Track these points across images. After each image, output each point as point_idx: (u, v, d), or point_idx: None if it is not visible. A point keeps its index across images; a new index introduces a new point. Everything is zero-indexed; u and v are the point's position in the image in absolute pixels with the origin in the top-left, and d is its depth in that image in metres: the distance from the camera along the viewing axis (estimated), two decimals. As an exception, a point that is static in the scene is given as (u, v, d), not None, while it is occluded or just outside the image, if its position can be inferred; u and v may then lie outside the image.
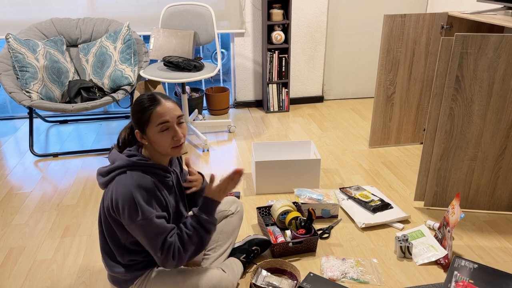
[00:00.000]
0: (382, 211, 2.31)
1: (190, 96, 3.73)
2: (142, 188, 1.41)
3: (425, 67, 2.92)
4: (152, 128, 1.45)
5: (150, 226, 1.40)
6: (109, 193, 1.44)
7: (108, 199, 1.44)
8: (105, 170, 1.48)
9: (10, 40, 2.92)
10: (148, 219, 1.39)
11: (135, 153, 1.49)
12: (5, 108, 4.18)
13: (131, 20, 3.52)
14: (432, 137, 2.24)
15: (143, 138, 1.49)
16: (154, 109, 1.45)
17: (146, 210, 1.39)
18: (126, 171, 1.44)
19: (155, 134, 1.46)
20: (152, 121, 1.44)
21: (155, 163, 1.50)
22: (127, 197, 1.39)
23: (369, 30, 3.95)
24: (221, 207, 1.87)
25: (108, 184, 1.47)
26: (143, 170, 1.46)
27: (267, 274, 1.82)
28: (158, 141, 1.46)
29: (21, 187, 2.66)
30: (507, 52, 1.98)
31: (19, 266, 1.97)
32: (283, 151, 2.78)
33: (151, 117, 1.44)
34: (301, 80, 4.00)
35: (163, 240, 1.43)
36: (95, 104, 2.90)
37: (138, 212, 1.39)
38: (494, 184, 2.27)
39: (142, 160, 1.47)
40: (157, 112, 1.44)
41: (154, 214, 1.41)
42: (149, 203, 1.41)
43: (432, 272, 1.90)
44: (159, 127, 1.45)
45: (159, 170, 1.51)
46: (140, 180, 1.42)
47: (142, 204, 1.39)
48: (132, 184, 1.40)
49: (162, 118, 1.44)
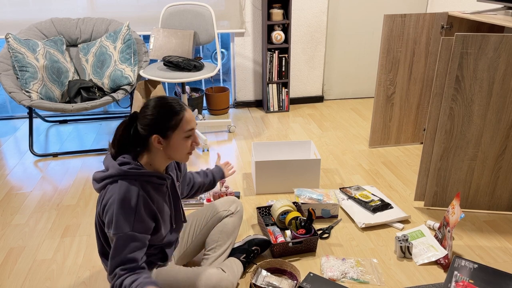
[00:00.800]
0: (382, 211, 2.31)
1: (190, 96, 3.73)
2: (125, 202, 1.38)
3: (425, 67, 2.92)
4: (179, 134, 1.43)
5: (116, 243, 1.38)
6: (100, 200, 1.44)
7: (99, 205, 1.45)
8: (99, 176, 1.46)
9: (10, 40, 2.92)
10: (118, 235, 1.37)
11: (127, 161, 1.45)
12: (5, 108, 4.18)
13: (131, 20, 3.52)
14: (432, 137, 2.24)
15: (161, 142, 1.44)
16: (184, 115, 1.43)
17: (119, 226, 1.37)
18: (117, 181, 1.42)
19: (180, 140, 1.44)
20: (181, 127, 1.43)
21: (149, 171, 1.45)
22: (110, 207, 1.39)
23: (369, 30, 3.95)
24: (221, 207, 1.87)
25: (101, 190, 1.47)
26: (135, 179, 1.42)
27: (267, 274, 1.82)
28: (180, 147, 1.45)
29: (21, 187, 2.66)
30: (507, 52, 1.98)
31: (19, 266, 1.97)
32: (283, 151, 2.78)
33: (182, 122, 1.42)
34: (301, 80, 4.00)
35: (117, 263, 1.38)
36: (95, 104, 2.90)
37: (112, 224, 1.37)
38: (494, 184, 2.27)
39: (133, 169, 1.43)
40: (187, 118, 1.43)
41: (126, 233, 1.37)
42: (127, 220, 1.38)
43: (432, 272, 1.90)
44: (187, 133, 1.44)
45: (153, 178, 1.47)
46: (126, 192, 1.39)
47: (118, 218, 1.37)
48: (117, 196, 1.38)
49: (191, 125, 1.45)
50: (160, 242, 1.56)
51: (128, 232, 1.38)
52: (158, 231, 1.51)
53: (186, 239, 1.82)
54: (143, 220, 1.42)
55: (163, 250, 1.61)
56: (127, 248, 1.38)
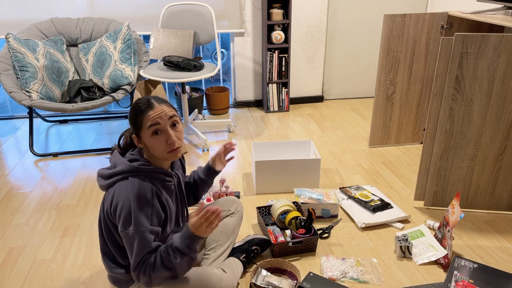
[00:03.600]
0: (382, 211, 2.31)
1: (190, 96, 3.73)
2: (141, 197, 1.40)
3: (425, 67, 2.92)
4: (144, 132, 1.44)
5: (138, 238, 1.39)
6: (110, 198, 1.44)
7: (108, 203, 1.44)
8: (106, 173, 1.47)
9: (10, 39, 2.92)
10: (139, 231, 1.38)
11: (137, 158, 1.48)
12: (5, 107, 4.18)
13: (131, 20, 3.52)
14: (432, 136, 2.24)
15: (140, 142, 1.49)
16: (146, 113, 1.43)
17: (139, 221, 1.38)
18: (127, 177, 1.43)
19: (148, 139, 1.44)
20: (144, 125, 1.43)
21: (157, 168, 1.48)
22: (125, 204, 1.39)
23: (369, 30, 3.95)
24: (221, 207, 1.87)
25: (109, 188, 1.47)
26: (145, 175, 1.45)
27: (267, 273, 1.82)
28: (153, 146, 1.45)
29: (21, 186, 2.66)
30: (507, 52, 1.98)
31: (19, 266, 1.97)
32: (283, 151, 2.78)
33: (143, 120, 1.43)
34: (301, 80, 4.00)
35: (143, 256, 1.41)
36: (95, 104, 2.90)
37: (131, 221, 1.38)
38: (494, 184, 2.27)
39: (144, 165, 1.45)
40: (149, 115, 1.43)
41: (146, 228, 1.40)
42: (145, 214, 1.40)
43: (432, 272, 1.90)
44: (150, 130, 1.43)
45: (161, 175, 1.50)
46: (140, 188, 1.40)
47: (137, 214, 1.38)
48: (131, 193, 1.39)
49: (153, 121, 1.42)
50: (163, 241, 1.57)
51: (148, 226, 1.40)
52: (163, 228, 1.52)
53: (186, 239, 1.82)
54: (158, 214, 1.45)
55: None
56: (148, 243, 1.41)
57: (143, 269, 1.40)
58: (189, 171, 2.81)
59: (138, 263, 1.41)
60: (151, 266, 1.41)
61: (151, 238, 1.41)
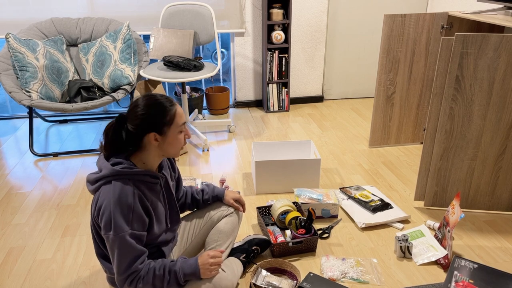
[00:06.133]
0: (382, 211, 2.31)
1: (190, 95, 3.73)
2: (121, 202, 1.38)
3: (425, 67, 2.92)
4: (173, 129, 1.45)
5: (119, 243, 1.38)
6: (95, 202, 1.44)
7: (93, 208, 1.44)
8: (92, 178, 1.46)
9: (10, 39, 2.92)
10: (119, 235, 1.38)
11: (120, 161, 1.45)
12: (5, 107, 4.18)
13: (131, 20, 3.52)
14: (432, 137, 2.24)
15: (157, 140, 1.46)
16: (176, 110, 1.45)
17: (118, 226, 1.37)
18: (111, 181, 1.42)
19: (175, 135, 1.46)
20: (176, 122, 1.45)
21: (142, 170, 1.46)
22: (106, 208, 1.38)
23: (369, 30, 3.94)
24: (221, 207, 1.87)
25: (96, 192, 1.46)
26: (128, 178, 1.43)
27: (267, 274, 1.82)
28: (175, 142, 1.47)
29: (21, 186, 2.66)
30: (507, 52, 1.98)
31: (19, 265, 1.97)
32: (283, 151, 2.78)
33: (176, 117, 1.45)
34: (301, 80, 4.00)
35: (129, 261, 1.40)
36: (95, 104, 2.90)
37: (111, 226, 1.38)
38: (494, 184, 2.27)
39: (126, 168, 1.43)
40: (179, 112, 1.46)
41: (127, 232, 1.39)
42: (124, 219, 1.39)
43: (432, 272, 1.90)
44: (180, 128, 1.47)
45: (146, 177, 1.48)
46: (121, 193, 1.39)
47: (116, 219, 1.37)
48: (112, 197, 1.38)
49: (183, 119, 1.48)
50: (154, 241, 1.57)
51: (129, 231, 1.39)
52: (150, 230, 1.52)
53: (186, 239, 1.82)
54: (140, 218, 1.43)
55: (160, 248, 1.62)
56: (131, 247, 1.40)
57: (130, 280, 1.41)
58: (189, 171, 2.81)
59: (125, 269, 1.40)
60: (139, 279, 1.41)
61: (133, 243, 1.40)
